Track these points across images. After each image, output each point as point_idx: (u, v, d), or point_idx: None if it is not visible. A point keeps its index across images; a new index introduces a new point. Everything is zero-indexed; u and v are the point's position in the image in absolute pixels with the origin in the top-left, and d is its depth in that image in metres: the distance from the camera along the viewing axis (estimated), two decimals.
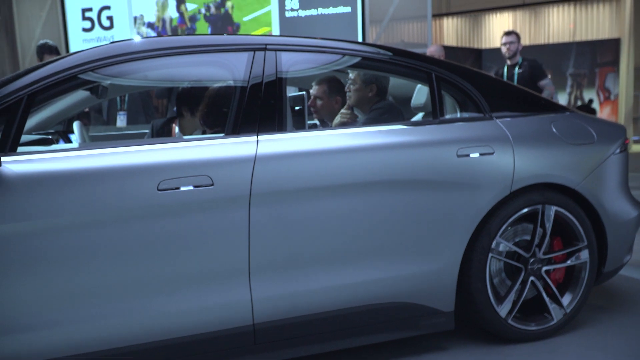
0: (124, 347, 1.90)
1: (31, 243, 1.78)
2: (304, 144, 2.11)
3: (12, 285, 1.78)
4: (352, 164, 2.12)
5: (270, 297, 2.04)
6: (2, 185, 1.77)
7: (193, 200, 1.92)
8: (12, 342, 1.78)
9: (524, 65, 4.96)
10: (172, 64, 2.25)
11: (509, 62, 5.02)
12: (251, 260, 2.00)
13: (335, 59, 2.39)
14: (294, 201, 2.03)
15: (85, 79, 2.06)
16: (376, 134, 2.24)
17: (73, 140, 2.83)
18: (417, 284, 2.23)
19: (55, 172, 1.84)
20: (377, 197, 2.14)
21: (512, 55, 4.98)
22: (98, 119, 4.79)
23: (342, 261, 2.12)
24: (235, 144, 2.04)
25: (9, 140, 1.86)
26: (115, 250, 1.86)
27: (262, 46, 2.20)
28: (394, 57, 2.39)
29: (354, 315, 2.16)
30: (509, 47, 4.95)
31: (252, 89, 2.13)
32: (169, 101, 4.44)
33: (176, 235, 1.91)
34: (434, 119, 2.37)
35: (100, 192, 1.85)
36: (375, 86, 2.74)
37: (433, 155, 2.22)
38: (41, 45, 5.15)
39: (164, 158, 1.95)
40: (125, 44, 2.11)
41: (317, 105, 3.02)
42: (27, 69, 2.11)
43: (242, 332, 2.02)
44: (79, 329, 1.84)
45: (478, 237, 2.29)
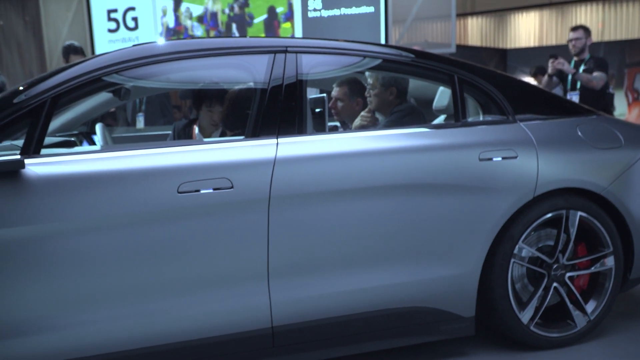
0: (144, 348, 1.91)
1: (54, 245, 1.81)
2: (324, 146, 2.10)
3: (37, 285, 1.81)
4: (372, 167, 2.10)
5: (289, 300, 2.04)
6: (25, 187, 1.80)
7: (212, 203, 1.93)
8: (43, 342, 1.82)
9: (589, 63, 4.70)
10: (193, 67, 2.27)
11: (576, 58, 4.78)
12: (270, 263, 2.00)
13: (356, 61, 2.37)
14: (313, 204, 2.03)
15: (108, 82, 2.09)
16: (397, 136, 2.22)
17: (96, 142, 2.87)
18: (437, 289, 2.20)
19: (78, 175, 1.86)
20: (398, 200, 2.12)
21: (579, 52, 4.73)
22: (119, 120, 4.86)
23: (361, 265, 2.10)
24: (255, 146, 2.04)
25: (33, 142, 1.89)
26: (135, 253, 1.87)
27: (282, 48, 2.20)
28: (416, 59, 2.37)
29: (373, 320, 2.14)
30: (574, 44, 4.70)
31: (272, 92, 2.13)
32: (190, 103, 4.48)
33: (196, 238, 1.92)
34: (456, 121, 2.34)
35: (122, 194, 1.87)
36: (395, 89, 2.72)
37: (455, 159, 2.20)
38: (67, 46, 5.25)
39: (184, 161, 1.96)
40: (148, 47, 2.13)
41: (338, 107, 3.01)
42: (51, 71, 2.14)
43: (260, 334, 2.03)
44: (98, 329, 1.86)
45: (500, 242, 2.25)
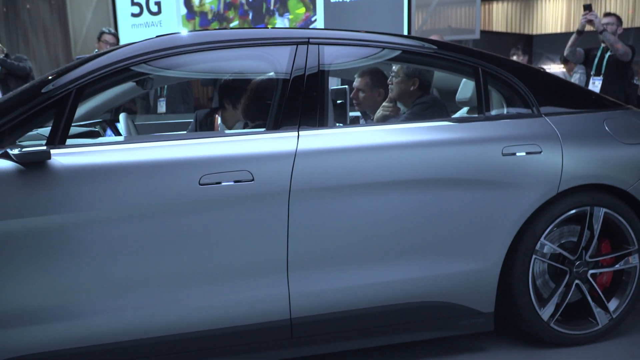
0: (164, 336, 1.95)
1: (79, 234, 1.85)
2: (345, 139, 2.09)
3: (63, 273, 1.84)
4: (393, 161, 2.09)
5: (308, 292, 2.05)
6: (51, 177, 1.83)
7: (233, 195, 1.94)
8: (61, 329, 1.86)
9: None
10: (216, 58, 2.28)
11: (604, 44, 4.71)
12: (289, 256, 2.01)
13: (378, 53, 2.35)
14: (333, 197, 2.03)
15: (133, 73, 2.11)
16: (418, 130, 2.20)
17: (120, 130, 2.90)
18: (456, 284, 2.19)
19: (102, 165, 1.89)
20: (419, 195, 2.11)
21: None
22: (141, 105, 4.91)
23: (381, 259, 2.10)
24: (276, 139, 2.04)
25: (58, 132, 1.92)
26: (157, 243, 1.90)
27: (304, 40, 2.18)
28: (439, 50, 2.33)
29: (391, 313, 2.15)
30: (606, 29, 4.59)
31: (293, 84, 2.12)
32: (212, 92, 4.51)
33: (216, 230, 1.94)
34: (479, 115, 2.31)
35: (144, 185, 1.89)
36: (418, 80, 2.69)
37: (477, 153, 2.17)
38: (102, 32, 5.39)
39: (205, 153, 1.97)
40: (172, 38, 2.15)
41: (360, 97, 2.99)
42: (78, 61, 2.17)
43: (279, 326, 2.05)
44: (119, 318, 1.90)
45: (522, 238, 2.23)
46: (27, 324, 1.83)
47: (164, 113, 4.90)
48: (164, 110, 4.92)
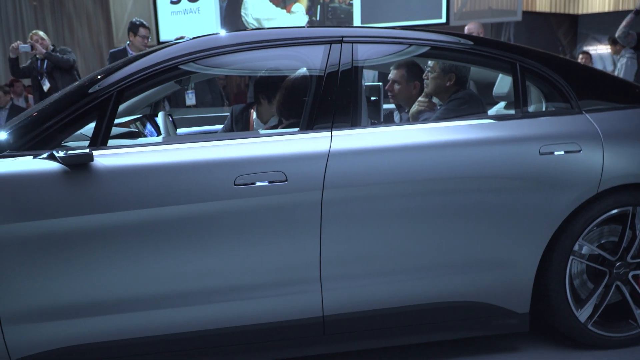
0: (200, 331, 2.02)
1: (118, 232, 1.92)
2: (378, 139, 2.09)
3: (100, 269, 1.93)
4: (426, 161, 2.07)
5: (340, 290, 2.08)
6: (93, 178, 1.90)
7: (267, 195, 1.97)
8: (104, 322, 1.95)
9: None
10: (252, 58, 2.32)
11: None
12: (322, 255, 2.04)
13: (412, 50, 2.32)
14: (366, 197, 2.03)
15: (171, 75, 2.18)
16: (454, 129, 2.17)
17: (159, 123, 2.98)
18: (490, 284, 2.17)
19: (140, 166, 1.95)
20: (453, 194, 2.09)
21: None
22: (169, 98, 5.02)
23: (413, 258, 2.11)
24: (309, 139, 2.06)
25: (100, 134, 1.99)
26: (194, 242, 1.96)
27: (338, 38, 2.18)
28: (475, 46, 2.28)
29: (424, 312, 2.15)
30: None
31: (327, 83, 2.13)
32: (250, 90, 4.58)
33: (251, 229, 1.98)
34: (517, 112, 2.26)
35: (181, 185, 1.94)
36: (455, 75, 2.64)
37: (513, 153, 2.13)
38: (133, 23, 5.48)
39: (240, 153, 2.01)
40: (212, 39, 2.22)
41: (395, 89, 2.96)
42: (118, 63, 2.23)
43: (312, 323, 2.08)
44: (155, 313, 1.97)
45: (559, 238, 2.18)
46: (77, 316, 1.93)
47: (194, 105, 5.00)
48: (193, 102, 5.02)
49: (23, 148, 1.95)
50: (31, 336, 1.92)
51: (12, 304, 1.88)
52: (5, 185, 1.86)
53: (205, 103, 5.31)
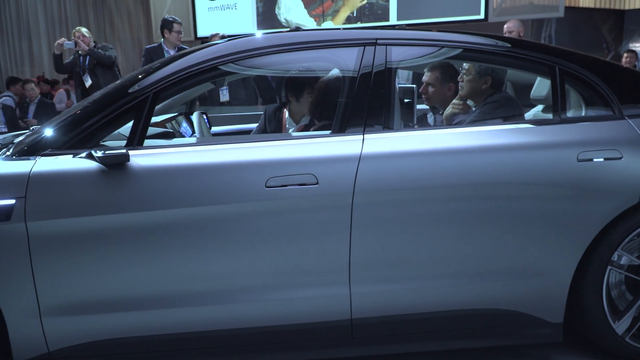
0: (229, 329, 2.04)
1: (152, 231, 1.96)
2: (410, 143, 2.07)
3: (134, 265, 1.97)
4: (461, 166, 2.04)
5: (369, 294, 2.07)
6: (130, 178, 1.95)
7: (298, 198, 1.98)
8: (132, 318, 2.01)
9: None
10: (287, 60, 2.36)
11: None
12: (352, 258, 2.03)
13: (447, 53, 2.29)
14: (397, 202, 2.02)
15: (207, 76, 2.22)
16: (488, 133, 2.13)
17: (193, 123, 3.03)
18: (523, 292, 2.13)
19: (175, 167, 1.99)
20: (487, 200, 2.05)
21: None
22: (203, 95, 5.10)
23: (444, 264, 2.08)
24: (341, 142, 2.06)
25: (137, 135, 2.04)
26: (225, 242, 1.98)
27: (372, 41, 2.17)
28: (513, 49, 2.23)
29: (454, 318, 2.13)
30: None
31: (360, 86, 2.12)
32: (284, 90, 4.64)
33: (281, 231, 2.00)
34: (555, 116, 2.20)
35: (214, 186, 1.97)
36: (490, 78, 2.59)
37: (550, 159, 2.07)
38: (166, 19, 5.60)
39: (272, 155, 2.02)
40: (247, 41, 2.24)
41: (429, 92, 2.93)
42: (156, 64, 2.28)
43: (340, 325, 2.09)
44: (181, 312, 2.01)
45: (596, 247, 2.12)
46: (112, 311, 1.98)
47: (227, 102, 5.06)
48: (227, 99, 5.09)
49: (64, 147, 2.01)
50: (68, 328, 1.99)
51: (51, 297, 1.95)
52: (47, 183, 1.93)
53: (239, 100, 5.37)
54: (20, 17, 12.15)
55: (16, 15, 12.15)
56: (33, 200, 1.90)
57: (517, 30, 4.93)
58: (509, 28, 4.98)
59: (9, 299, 1.93)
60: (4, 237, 1.89)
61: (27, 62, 11.96)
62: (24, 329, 1.96)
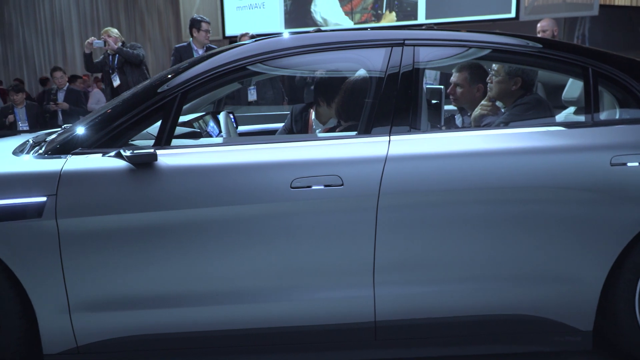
0: (254, 329, 2.06)
1: (179, 229, 1.98)
2: (438, 145, 2.05)
3: (162, 263, 2.00)
4: (487, 169, 2.01)
5: (393, 296, 2.06)
6: (157, 177, 1.98)
7: (323, 199, 1.98)
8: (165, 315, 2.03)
9: None
10: (315, 59, 2.35)
11: None
12: (376, 260, 2.02)
13: (477, 53, 2.25)
14: (423, 204, 2.00)
15: (235, 76, 2.24)
16: (518, 135, 2.09)
17: (220, 122, 3.05)
18: (551, 298, 2.08)
19: (201, 167, 2.00)
20: (515, 204, 2.01)
21: None
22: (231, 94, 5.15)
23: (470, 267, 2.05)
24: (367, 143, 2.05)
25: (165, 134, 2.06)
26: (249, 243, 1.99)
27: (400, 41, 2.15)
28: (544, 50, 2.19)
29: (478, 324, 2.10)
30: None
31: (387, 87, 2.10)
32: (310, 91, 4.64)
33: (306, 232, 1.99)
34: (587, 119, 2.15)
35: (239, 186, 1.98)
36: (521, 79, 2.54)
37: (582, 163, 2.02)
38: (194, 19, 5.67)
39: (297, 156, 2.02)
40: (275, 41, 2.24)
41: (457, 93, 2.89)
42: (184, 64, 2.30)
43: (363, 327, 2.08)
44: (204, 311, 2.02)
45: (629, 254, 2.06)
46: (139, 308, 2.02)
47: (255, 101, 5.09)
48: (254, 98, 5.11)
49: (93, 146, 2.05)
50: (96, 324, 2.02)
51: (79, 293, 1.99)
52: (77, 181, 1.97)
53: (266, 99, 5.40)
54: (54, 17, 12.46)
55: (50, 15, 12.46)
56: (64, 197, 1.94)
57: (552, 29, 4.81)
58: (543, 27, 4.87)
59: (40, 294, 1.98)
60: (36, 233, 1.94)
61: (61, 61, 12.24)
62: (54, 324, 2.00)
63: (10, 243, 1.94)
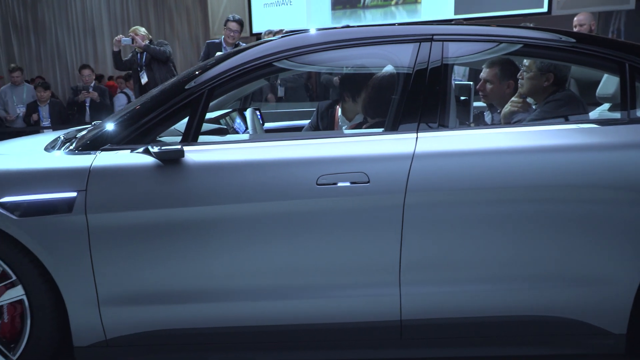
0: (279, 325, 2.06)
1: (205, 226, 1.99)
2: (467, 142, 2.01)
3: (188, 258, 2.01)
4: (517, 167, 1.96)
5: (419, 295, 2.03)
6: (184, 173, 1.99)
7: (349, 196, 1.96)
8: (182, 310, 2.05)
9: None
10: (342, 55, 2.32)
11: None
12: (402, 258, 2.00)
13: (508, 49, 2.20)
14: (451, 203, 1.97)
15: (261, 73, 2.22)
16: (549, 133, 2.03)
17: (247, 119, 3.06)
18: (583, 300, 2.03)
19: (228, 163, 2.01)
20: (546, 203, 1.96)
21: None
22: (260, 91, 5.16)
23: (498, 267, 2.01)
24: (394, 140, 2.02)
25: (192, 131, 2.07)
26: (273, 239, 1.99)
27: (428, 37, 2.12)
28: (577, 44, 2.12)
29: (507, 324, 2.05)
30: None
31: (415, 83, 2.07)
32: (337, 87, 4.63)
33: (331, 229, 1.98)
34: (623, 115, 2.08)
35: (265, 183, 1.98)
36: (553, 75, 2.47)
37: (617, 161, 1.96)
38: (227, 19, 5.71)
39: (323, 153, 2.01)
40: (301, 37, 2.23)
41: (487, 89, 2.83)
42: (210, 61, 2.31)
43: (389, 326, 2.06)
44: (227, 306, 2.03)
45: None
46: (163, 303, 2.04)
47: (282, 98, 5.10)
48: (282, 95, 5.12)
49: (122, 142, 2.08)
50: (125, 318, 2.05)
51: (108, 287, 2.02)
52: (106, 177, 2.00)
53: (292, 96, 5.41)
54: (85, 16, 12.71)
55: (82, 13, 12.71)
56: (93, 193, 1.97)
57: (589, 23, 4.65)
58: (580, 21, 4.71)
59: (70, 287, 2.02)
60: (66, 228, 1.97)
61: (92, 59, 12.49)
62: (83, 317, 2.04)
63: (42, 238, 1.98)
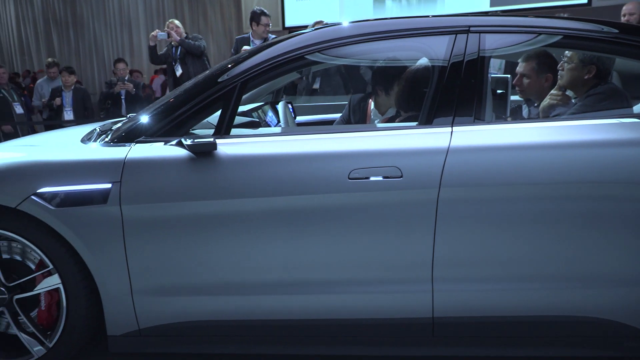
0: (309, 320, 2.05)
1: (236, 219, 1.99)
2: (503, 137, 1.95)
3: (221, 252, 2.02)
4: (557, 162, 1.90)
5: (452, 292, 2.00)
6: (217, 166, 2.00)
7: (381, 191, 1.94)
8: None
9: None
10: (375, 49, 2.29)
11: None
12: (435, 254, 1.96)
13: (547, 40, 2.13)
14: (485, 198, 1.92)
15: (295, 66, 2.21)
16: (590, 128, 1.96)
17: (279, 112, 3.06)
18: (624, 302, 1.95)
19: (259, 156, 2.01)
20: (586, 200, 1.90)
21: None
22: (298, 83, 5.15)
23: (534, 265, 1.96)
24: (428, 134, 1.98)
25: (224, 124, 2.08)
26: (305, 233, 1.98)
27: (464, 28, 2.07)
28: (621, 35, 2.04)
29: (543, 324, 2.00)
30: None
31: (450, 76, 2.03)
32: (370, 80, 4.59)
33: (364, 224, 1.96)
34: None
35: (297, 177, 1.97)
36: (595, 67, 2.38)
37: None
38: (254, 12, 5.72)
39: (356, 147, 1.99)
40: (335, 29, 2.21)
41: (523, 84, 2.75)
42: (244, 54, 2.31)
43: (421, 323, 2.03)
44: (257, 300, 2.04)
45: None
46: (195, 294, 2.06)
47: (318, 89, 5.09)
48: (317, 87, 5.11)
49: (156, 134, 2.10)
50: (158, 308, 2.08)
51: (142, 277, 2.05)
52: (140, 169, 2.02)
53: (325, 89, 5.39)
54: (122, 10, 12.96)
55: (119, 8, 12.96)
56: (127, 185, 2.00)
57: (639, 13, 4.46)
58: (629, 10, 4.48)
59: (105, 277, 2.06)
60: (101, 219, 2.01)
61: (128, 53, 12.74)
62: (117, 306, 2.08)
63: (78, 228, 2.02)
